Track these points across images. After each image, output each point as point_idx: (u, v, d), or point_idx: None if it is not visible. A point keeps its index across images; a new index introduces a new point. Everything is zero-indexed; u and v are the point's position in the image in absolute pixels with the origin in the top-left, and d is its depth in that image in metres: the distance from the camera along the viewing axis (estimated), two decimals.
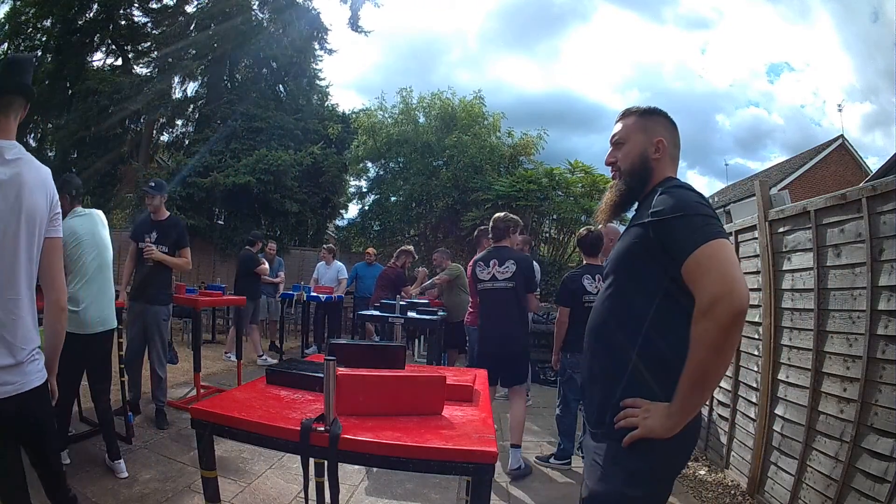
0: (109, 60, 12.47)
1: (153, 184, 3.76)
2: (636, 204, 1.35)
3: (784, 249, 2.71)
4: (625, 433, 1.17)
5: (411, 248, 6.57)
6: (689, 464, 3.43)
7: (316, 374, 1.53)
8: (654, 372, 1.19)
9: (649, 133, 1.34)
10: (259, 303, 5.97)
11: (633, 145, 1.34)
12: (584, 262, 3.49)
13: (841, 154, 14.73)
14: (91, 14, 11.60)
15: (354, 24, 12.41)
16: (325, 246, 7.54)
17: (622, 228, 4.60)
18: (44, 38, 11.68)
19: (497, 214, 3.59)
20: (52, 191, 1.47)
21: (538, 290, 3.53)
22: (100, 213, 2.94)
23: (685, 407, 1.13)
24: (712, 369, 1.10)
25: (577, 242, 3.58)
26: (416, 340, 7.17)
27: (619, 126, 1.39)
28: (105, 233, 2.87)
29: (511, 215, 3.59)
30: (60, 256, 1.57)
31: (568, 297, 3.37)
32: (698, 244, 1.10)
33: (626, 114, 1.39)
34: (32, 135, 12.48)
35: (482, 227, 4.36)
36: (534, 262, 5.00)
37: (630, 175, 1.33)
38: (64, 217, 2.85)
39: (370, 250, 7.28)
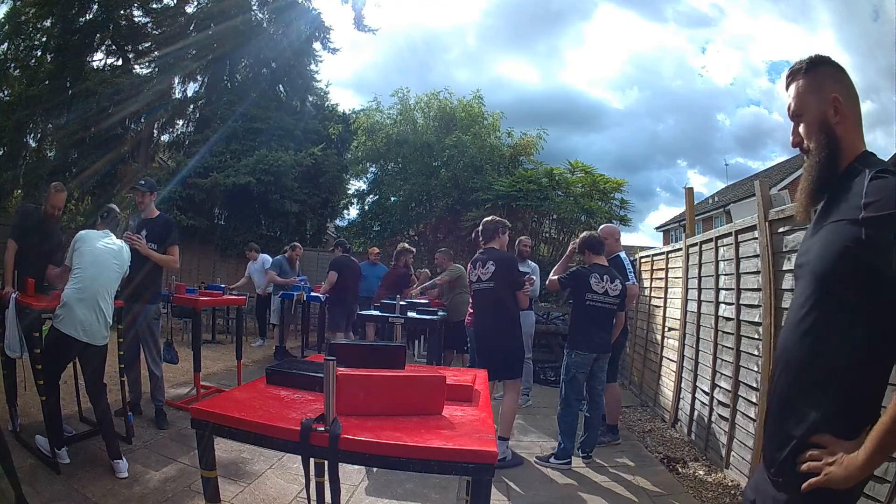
0: (110, 61, 12.47)
1: (143, 181, 3.79)
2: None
3: (784, 249, 2.71)
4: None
5: (406, 244, 6.58)
6: (689, 463, 3.44)
7: (316, 374, 1.53)
8: (856, 412, 0.99)
9: (822, 92, 1.09)
10: None
11: (811, 111, 1.10)
12: (592, 261, 3.49)
13: None
14: (91, 14, 11.60)
15: (360, 24, 12.46)
16: (249, 244, 7.71)
17: (623, 228, 4.54)
18: (44, 38, 11.68)
19: (487, 218, 3.69)
20: None
21: (527, 286, 3.56)
22: (125, 248, 3.01)
23: (875, 457, 0.91)
24: None
25: (583, 245, 3.54)
26: (416, 340, 7.17)
27: (790, 95, 1.14)
28: (116, 267, 2.90)
29: (498, 218, 3.71)
30: None
31: (569, 282, 3.45)
32: None
33: (793, 76, 1.14)
34: (32, 135, 12.46)
35: (480, 229, 4.39)
36: (529, 262, 5.02)
37: (817, 152, 1.08)
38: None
39: (373, 250, 7.25)
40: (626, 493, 2.99)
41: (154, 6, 12.19)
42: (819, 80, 1.10)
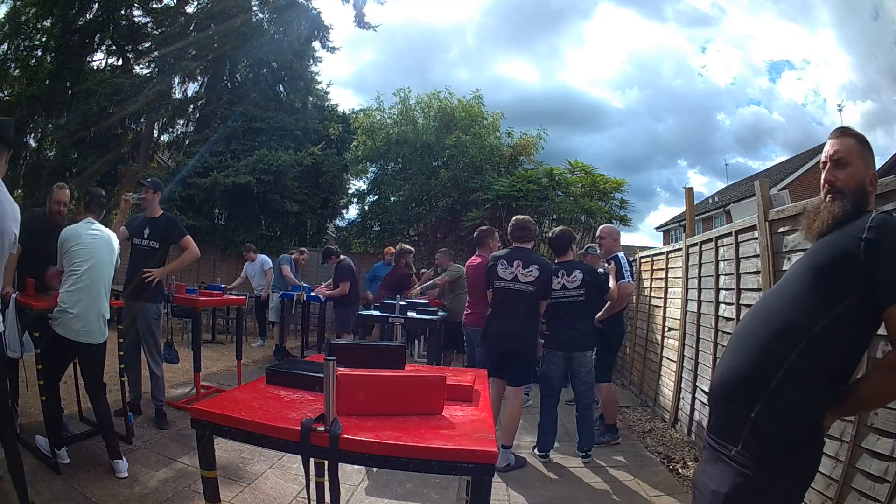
0: (110, 61, 12.47)
1: (149, 180, 3.85)
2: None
3: (784, 249, 2.71)
4: (759, 464, 1.12)
5: (405, 244, 6.59)
6: (689, 463, 3.43)
7: (316, 374, 1.53)
8: (802, 391, 1.14)
9: (868, 163, 1.31)
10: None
11: (857, 170, 1.29)
12: (556, 260, 3.57)
13: None
14: (91, 14, 11.61)
15: (360, 21, 12.41)
16: (247, 244, 7.78)
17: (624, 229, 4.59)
18: (44, 38, 11.69)
19: (522, 216, 3.61)
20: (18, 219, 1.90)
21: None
22: (113, 236, 2.94)
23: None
24: (879, 405, 1.41)
25: (547, 242, 3.66)
26: (416, 340, 7.17)
27: (839, 144, 1.32)
28: (109, 254, 2.85)
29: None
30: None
31: None
32: None
33: (845, 133, 1.33)
34: (32, 135, 12.47)
35: (484, 228, 4.35)
36: None
37: (853, 197, 1.27)
38: (74, 222, 2.87)
39: (389, 249, 7.19)
40: (626, 494, 2.99)
41: (154, 6, 12.18)
42: (868, 155, 1.33)
